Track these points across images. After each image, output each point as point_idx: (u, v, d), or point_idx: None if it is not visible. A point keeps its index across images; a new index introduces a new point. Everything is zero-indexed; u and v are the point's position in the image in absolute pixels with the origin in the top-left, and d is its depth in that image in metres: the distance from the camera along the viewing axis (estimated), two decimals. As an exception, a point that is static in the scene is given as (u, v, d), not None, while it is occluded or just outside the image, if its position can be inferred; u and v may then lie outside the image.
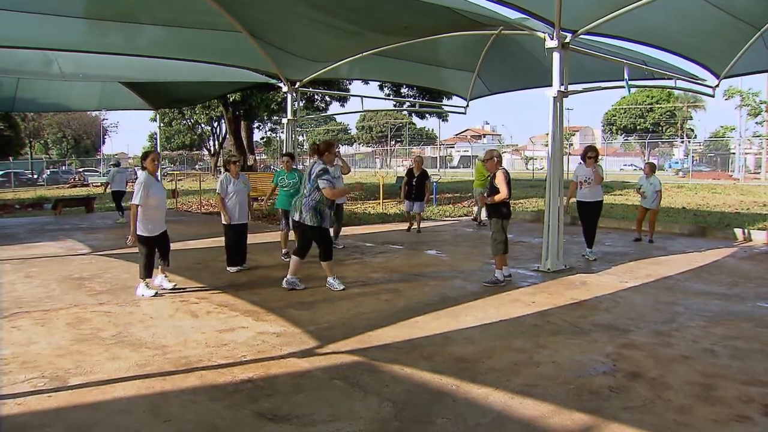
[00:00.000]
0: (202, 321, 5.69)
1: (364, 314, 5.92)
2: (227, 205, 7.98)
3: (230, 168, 8.10)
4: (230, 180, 8.00)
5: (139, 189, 6.54)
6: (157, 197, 6.66)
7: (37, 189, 34.48)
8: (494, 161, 7.22)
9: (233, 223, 8.00)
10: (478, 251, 9.81)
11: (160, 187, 6.78)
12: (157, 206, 6.68)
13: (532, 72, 11.69)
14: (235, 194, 8.00)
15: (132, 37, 9.58)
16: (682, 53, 9.91)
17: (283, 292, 6.90)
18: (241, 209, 8.09)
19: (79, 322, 5.65)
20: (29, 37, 9.09)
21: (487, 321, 5.68)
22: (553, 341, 5.05)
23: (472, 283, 7.42)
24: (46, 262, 8.95)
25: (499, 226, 7.21)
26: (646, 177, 11.02)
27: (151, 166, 6.67)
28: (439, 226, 13.74)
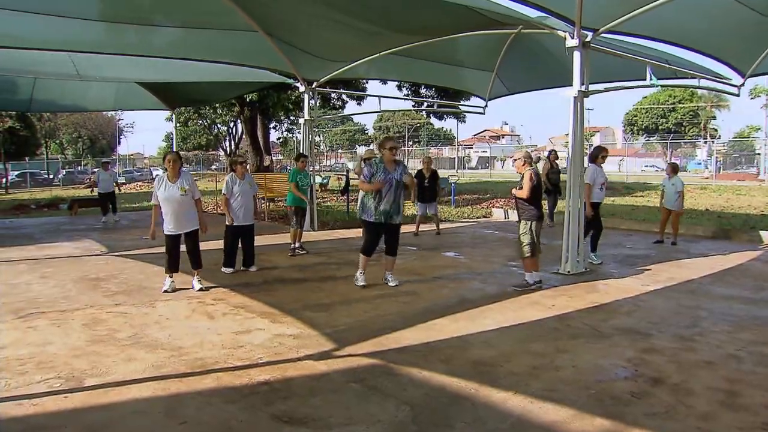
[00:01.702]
0: (218, 322, 5.73)
1: (381, 316, 5.92)
2: (232, 205, 8.07)
3: (236, 169, 8.20)
4: (236, 180, 8.08)
5: (154, 190, 6.95)
6: (164, 197, 6.85)
7: (52, 189, 34.91)
8: (521, 161, 7.21)
9: (237, 224, 8.08)
10: (497, 253, 9.76)
11: (172, 188, 6.86)
12: (168, 205, 6.84)
13: (551, 71, 11.60)
14: (241, 195, 8.07)
15: (148, 38, 9.68)
16: (706, 51, 9.78)
17: (300, 294, 6.92)
18: (247, 210, 8.16)
19: (94, 323, 5.71)
20: (46, 38, 9.20)
21: (505, 324, 5.65)
22: (573, 345, 5.01)
23: (490, 286, 7.39)
24: (61, 263, 9.07)
25: (527, 228, 7.15)
26: (669, 178, 10.91)
27: (167, 165, 6.88)
28: (458, 227, 13.70)
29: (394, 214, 7.11)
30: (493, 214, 16.35)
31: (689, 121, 59.68)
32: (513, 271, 8.22)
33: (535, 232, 7.11)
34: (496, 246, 10.67)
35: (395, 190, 7.04)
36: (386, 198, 7.02)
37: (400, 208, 7.16)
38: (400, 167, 7.13)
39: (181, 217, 6.91)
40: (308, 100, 12.79)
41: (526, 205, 7.13)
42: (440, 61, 12.12)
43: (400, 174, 7.09)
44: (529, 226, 7.11)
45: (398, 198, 7.10)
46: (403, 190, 7.17)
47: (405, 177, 7.12)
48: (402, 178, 7.08)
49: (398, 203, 7.11)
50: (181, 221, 6.92)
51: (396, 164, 7.12)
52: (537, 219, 7.12)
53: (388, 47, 10.65)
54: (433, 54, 11.45)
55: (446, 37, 10.03)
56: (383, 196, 7.01)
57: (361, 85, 22.77)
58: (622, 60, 9.12)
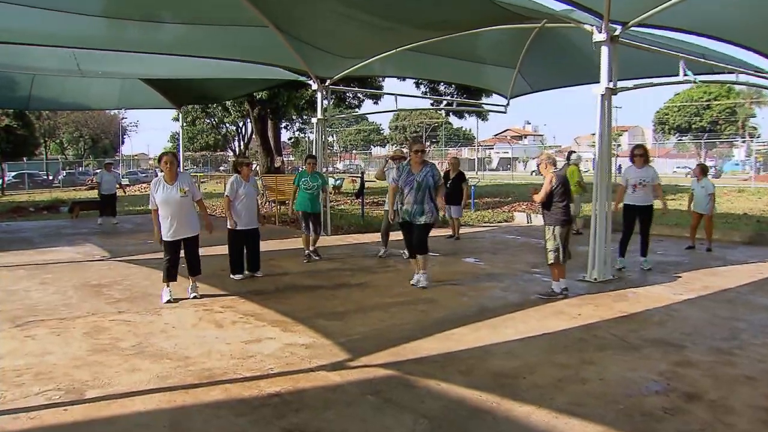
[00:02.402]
0: (226, 331, 5.76)
1: (398, 325, 5.92)
2: (236, 208, 8.08)
3: (242, 170, 8.21)
4: (241, 183, 8.10)
5: (150, 193, 6.86)
6: (161, 200, 6.77)
7: (52, 191, 35.21)
8: (544, 164, 7.21)
9: (241, 228, 8.09)
10: (519, 259, 9.72)
11: (170, 190, 6.80)
12: (166, 209, 6.77)
13: (577, 68, 11.55)
14: (246, 198, 8.10)
15: (154, 34, 9.73)
16: (745, 44, 9.64)
17: (312, 302, 6.94)
18: (250, 214, 8.18)
19: (97, 332, 5.74)
20: (47, 34, 9.23)
21: (528, 334, 5.62)
22: (601, 357, 4.96)
23: (512, 293, 7.36)
24: (62, 268, 9.15)
25: (551, 233, 7.13)
26: (697, 180, 10.81)
27: (164, 167, 6.81)
28: (478, 232, 13.67)
29: (417, 215, 7.50)
30: (515, 218, 16.28)
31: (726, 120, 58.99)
32: (536, 278, 8.17)
33: (560, 237, 7.07)
34: (518, 252, 10.62)
35: (416, 192, 7.47)
36: (407, 199, 7.53)
37: (423, 209, 7.49)
38: (425, 169, 7.54)
39: (182, 221, 6.85)
40: (321, 99, 12.85)
41: (550, 209, 7.12)
42: (460, 57, 12.12)
43: (424, 176, 7.48)
44: (553, 231, 7.09)
45: (421, 199, 7.48)
46: (428, 191, 7.51)
47: (431, 179, 7.50)
48: (425, 179, 7.46)
49: (421, 204, 7.48)
50: (182, 226, 6.86)
51: (423, 166, 7.57)
52: (562, 224, 7.08)
53: (404, 43, 10.67)
54: (453, 50, 11.45)
55: (466, 33, 10.02)
56: (405, 196, 7.55)
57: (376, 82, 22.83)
58: (652, 55, 9.06)
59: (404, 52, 11.10)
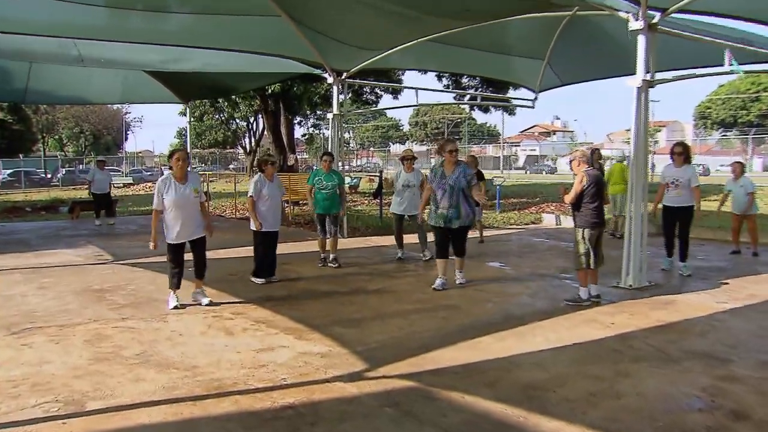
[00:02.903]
0: (237, 339, 5.79)
1: (418, 333, 5.91)
2: (260, 210, 8.10)
3: (266, 169, 8.19)
4: (265, 182, 8.11)
5: (155, 193, 6.83)
6: (170, 201, 6.75)
7: (50, 190, 35.11)
8: (576, 161, 7.17)
9: (265, 230, 8.11)
10: (548, 264, 9.67)
11: (182, 190, 6.81)
12: (175, 211, 6.78)
13: (611, 58, 11.45)
14: (270, 198, 8.11)
15: (160, 24, 9.72)
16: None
17: (328, 308, 6.96)
18: (275, 216, 8.21)
19: (98, 339, 5.77)
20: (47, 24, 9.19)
21: (558, 344, 5.58)
22: (637, 369, 4.91)
23: (540, 300, 7.32)
24: (61, 272, 9.20)
25: (580, 236, 7.09)
26: (734, 179, 10.68)
27: (175, 165, 6.78)
28: (503, 234, 13.62)
29: (453, 218, 7.72)
30: (543, 219, 16.21)
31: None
32: (566, 284, 8.12)
33: (589, 240, 7.03)
34: (546, 255, 10.57)
35: (450, 195, 7.70)
36: (441, 203, 7.75)
37: (460, 212, 7.72)
38: (458, 170, 7.77)
39: (191, 223, 6.88)
40: (337, 93, 12.88)
41: (580, 210, 7.08)
42: (485, 48, 12.09)
43: (456, 178, 7.71)
44: (582, 233, 7.07)
45: (456, 203, 7.70)
46: (462, 193, 7.73)
47: (463, 180, 7.71)
48: (456, 182, 7.69)
49: (457, 208, 7.70)
50: (191, 228, 6.89)
51: (455, 167, 7.79)
52: (592, 226, 7.04)
53: (426, 33, 10.66)
54: (477, 40, 11.42)
55: (492, 22, 9.98)
56: (438, 200, 7.77)
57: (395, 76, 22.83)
58: (694, 44, 8.92)
59: (426, 43, 11.09)
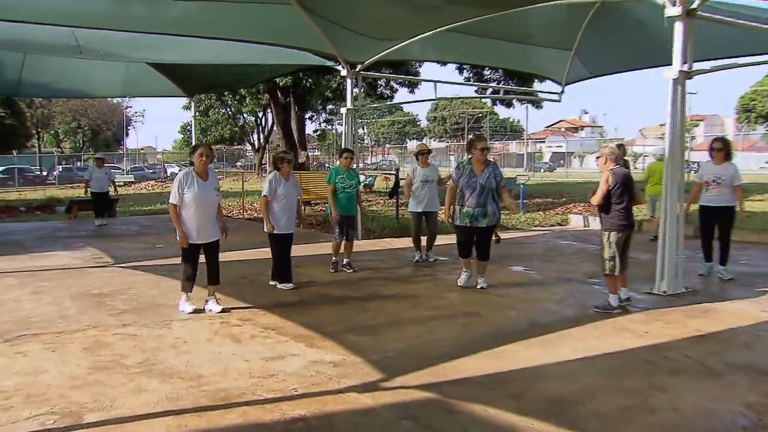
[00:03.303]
0: (245, 346, 5.79)
1: (437, 341, 5.90)
2: (274, 211, 8.10)
3: (282, 167, 8.18)
4: (280, 181, 8.10)
5: (174, 187, 6.82)
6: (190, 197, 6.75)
7: (46, 188, 35.17)
8: (603, 158, 7.12)
9: (278, 232, 8.09)
10: (575, 268, 9.61)
11: (203, 187, 6.84)
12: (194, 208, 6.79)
13: (645, 48, 11.37)
14: (285, 198, 8.09)
15: (162, 12, 9.69)
16: None
17: (341, 314, 6.96)
18: (290, 217, 8.20)
19: (97, 347, 5.78)
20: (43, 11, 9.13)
21: (587, 354, 5.54)
22: (674, 383, 4.86)
23: (568, 307, 7.28)
24: (58, 275, 9.21)
25: (606, 239, 7.05)
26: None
27: (197, 161, 6.83)
28: (527, 237, 13.56)
29: (480, 217, 7.91)
30: (570, 221, 16.13)
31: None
32: (595, 290, 8.06)
33: (617, 244, 6.99)
34: (573, 259, 10.51)
35: (480, 195, 7.87)
36: (468, 202, 7.91)
37: (487, 211, 7.91)
38: (488, 170, 7.97)
39: (209, 223, 6.92)
40: (351, 86, 12.89)
41: (606, 211, 7.05)
42: (508, 38, 12.04)
43: (487, 178, 7.91)
44: (608, 237, 7.04)
45: (484, 202, 7.88)
46: (491, 193, 7.92)
47: (494, 181, 7.91)
48: (488, 182, 7.88)
49: (484, 207, 7.89)
50: (208, 228, 6.92)
51: (485, 166, 7.98)
52: (619, 229, 7.00)
53: (446, 22, 10.63)
54: (501, 30, 11.37)
55: (516, 9, 9.94)
56: (465, 199, 7.93)
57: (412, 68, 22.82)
58: (736, 30, 8.78)
59: (445, 33, 11.06)
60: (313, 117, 42.00)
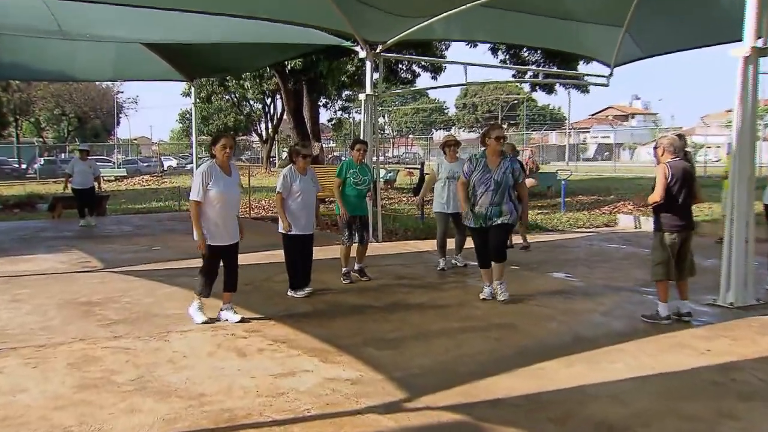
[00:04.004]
0: (252, 361, 5.81)
1: (467, 356, 5.89)
2: (290, 208, 8.10)
3: (298, 161, 8.17)
4: (296, 176, 8.11)
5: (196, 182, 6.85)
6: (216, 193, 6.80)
7: (26, 183, 35.09)
8: (661, 149, 7.06)
9: (296, 233, 8.09)
10: (625, 275, 9.55)
11: (228, 182, 6.91)
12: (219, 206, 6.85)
13: (708, 23, 11.25)
14: (302, 195, 8.09)
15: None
16: None
17: (360, 326, 6.96)
18: (309, 216, 8.21)
19: (85, 362, 5.78)
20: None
21: (640, 373, 5.49)
22: (746, 409, 4.79)
23: (617, 319, 7.23)
24: (41, 281, 9.23)
25: (658, 241, 7.01)
26: None
27: (220, 153, 6.86)
28: (569, 239, 13.50)
29: (494, 216, 7.76)
30: (618, 221, 16.03)
31: None
32: (648, 300, 7.96)
33: (670, 246, 6.94)
34: (623, 265, 10.44)
35: (494, 193, 7.73)
36: (481, 200, 7.76)
37: (502, 210, 7.75)
38: (505, 165, 7.84)
39: (232, 223, 7.01)
40: (371, 69, 12.87)
41: (661, 210, 7.01)
42: (549, 14, 11.95)
43: (503, 174, 7.76)
44: (660, 238, 7.01)
45: (499, 201, 7.73)
46: (509, 190, 7.81)
47: (510, 177, 7.78)
48: (504, 179, 7.74)
49: (499, 207, 7.74)
50: (230, 229, 7.00)
51: (501, 159, 7.86)
52: (673, 229, 6.96)
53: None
54: (540, 4, 11.30)
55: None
56: (478, 197, 7.78)
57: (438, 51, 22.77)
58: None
59: (477, 9, 10.98)
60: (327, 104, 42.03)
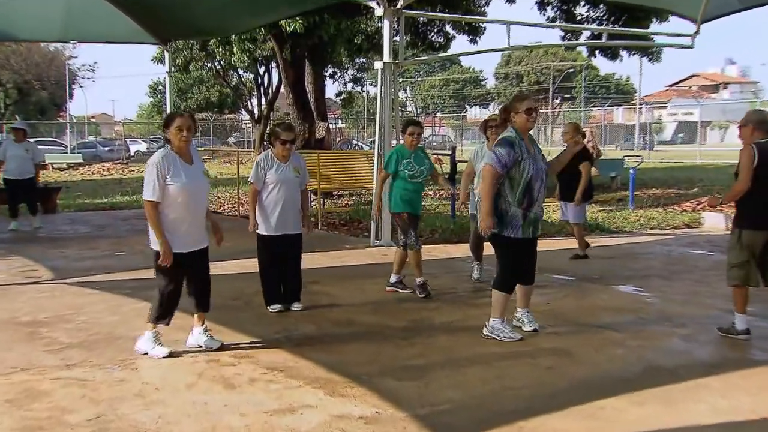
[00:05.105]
0: (241, 395, 5.82)
1: (509, 390, 5.88)
2: (263, 203, 8.14)
3: (276, 145, 8.17)
4: (273, 163, 8.13)
5: (150, 177, 6.53)
6: (179, 188, 6.58)
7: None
8: (748, 129, 7.04)
9: (271, 233, 8.13)
10: (712, 290, 9.50)
11: (191, 172, 6.73)
12: (184, 203, 6.65)
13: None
14: (279, 187, 8.10)
15: None
16: None
17: (375, 350, 6.99)
18: (286, 212, 8.18)
19: (29, 398, 5.72)
20: None
21: (734, 417, 5.45)
22: None
23: (702, 346, 7.21)
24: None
25: (736, 239, 7.08)
26: None
27: (176, 138, 6.65)
28: (640, 243, 13.50)
29: (540, 221, 7.45)
30: (704, 221, 15.99)
31: None
32: (752, 322, 7.88)
33: (749, 247, 6.99)
34: (709, 277, 10.38)
35: (542, 186, 7.31)
36: (538, 200, 7.26)
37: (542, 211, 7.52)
38: (535, 147, 7.42)
39: (200, 224, 6.88)
40: (390, 31, 12.85)
41: (742, 202, 7.06)
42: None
43: (542, 159, 7.39)
44: (738, 236, 7.07)
45: (543, 198, 7.39)
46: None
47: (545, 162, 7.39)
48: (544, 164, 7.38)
49: (542, 206, 7.45)
50: (200, 230, 6.87)
51: (531, 142, 7.42)
52: (756, 226, 7.00)
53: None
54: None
55: None
56: (535, 196, 7.22)
57: (476, 6, 22.69)
58: None
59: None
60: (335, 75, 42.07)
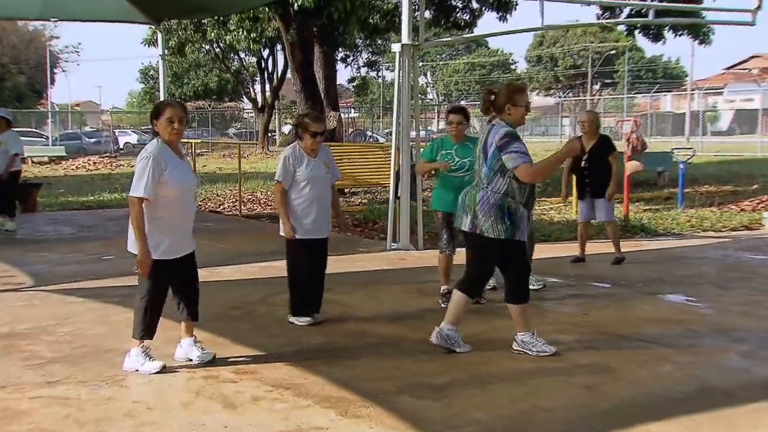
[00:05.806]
0: (243, 414, 5.83)
1: (542, 411, 5.88)
2: (294, 203, 8.11)
3: (305, 138, 8.10)
4: (303, 159, 8.08)
5: (143, 170, 6.48)
6: (177, 185, 6.63)
7: None
8: None
9: (303, 237, 8.09)
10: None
11: (184, 168, 6.83)
12: (178, 203, 6.70)
13: None
14: (310, 185, 8.07)
15: None
16: None
17: (393, 365, 6.99)
18: (320, 214, 8.19)
19: (5, 418, 5.72)
20: None
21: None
22: None
23: (764, 363, 7.17)
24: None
25: None
26: None
27: (165, 130, 6.65)
28: (690, 247, 13.51)
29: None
30: (766, 221, 15.96)
31: None
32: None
33: None
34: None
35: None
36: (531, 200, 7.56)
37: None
38: None
39: (189, 228, 6.91)
40: (408, 8, 12.87)
41: None
42: None
43: None
44: None
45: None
46: None
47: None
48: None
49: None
50: (187, 234, 6.88)
51: None
52: None
53: None
54: None
55: None
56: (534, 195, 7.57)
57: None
58: None
59: None
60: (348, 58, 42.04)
